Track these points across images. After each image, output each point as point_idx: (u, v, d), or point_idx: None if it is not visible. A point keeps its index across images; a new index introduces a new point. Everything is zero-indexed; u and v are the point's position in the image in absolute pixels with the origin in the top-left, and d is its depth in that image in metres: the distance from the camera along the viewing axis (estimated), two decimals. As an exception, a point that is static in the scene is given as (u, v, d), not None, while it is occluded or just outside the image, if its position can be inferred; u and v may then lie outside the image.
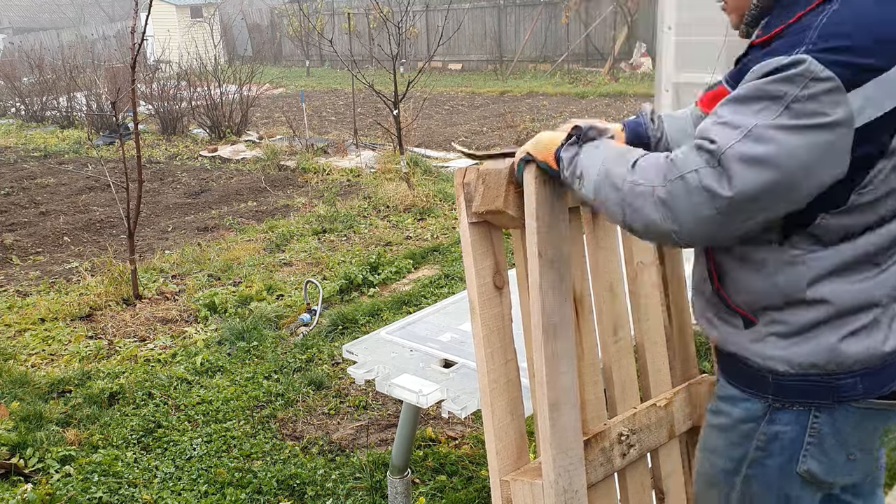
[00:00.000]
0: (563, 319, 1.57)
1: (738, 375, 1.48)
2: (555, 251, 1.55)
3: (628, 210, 1.30)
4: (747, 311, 1.44)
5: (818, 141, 1.19)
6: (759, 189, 1.19)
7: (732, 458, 1.50)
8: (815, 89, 1.18)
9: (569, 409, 1.58)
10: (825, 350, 1.36)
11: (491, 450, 1.64)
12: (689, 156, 1.24)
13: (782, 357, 1.40)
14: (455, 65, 22.62)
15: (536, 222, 1.52)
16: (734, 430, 1.49)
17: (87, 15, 38.61)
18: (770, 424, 1.44)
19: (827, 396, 1.39)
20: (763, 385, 1.43)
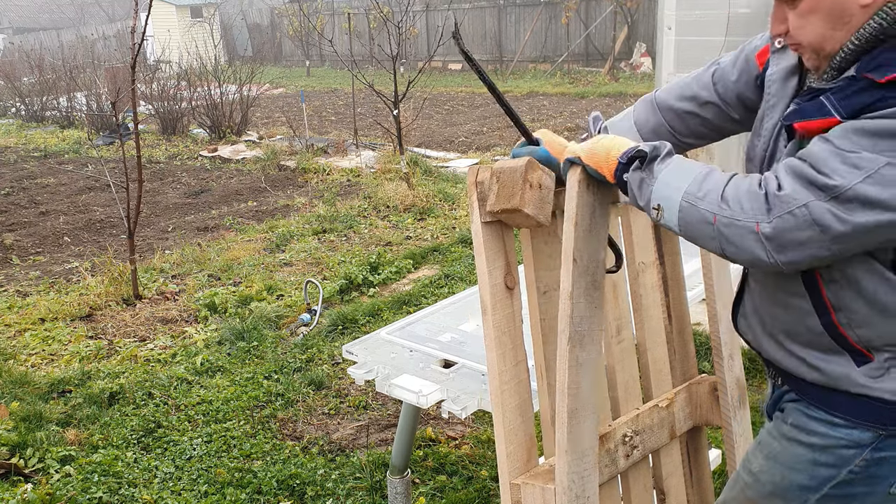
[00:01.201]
0: (592, 328, 1.55)
1: (847, 407, 1.43)
2: (590, 258, 1.52)
3: (727, 245, 1.27)
4: (866, 347, 1.39)
5: None
6: (873, 226, 1.19)
7: (816, 476, 1.46)
8: None
9: (588, 416, 1.56)
10: None
11: (501, 452, 1.62)
12: (796, 189, 1.21)
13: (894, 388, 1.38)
14: (455, 65, 22.61)
15: (575, 227, 1.48)
16: (829, 453, 1.44)
17: (87, 15, 38.60)
18: (875, 451, 1.40)
19: None
20: (879, 415, 1.39)
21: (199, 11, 26.88)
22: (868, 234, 1.20)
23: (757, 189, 1.24)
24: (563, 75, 18.73)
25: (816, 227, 1.20)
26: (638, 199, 1.40)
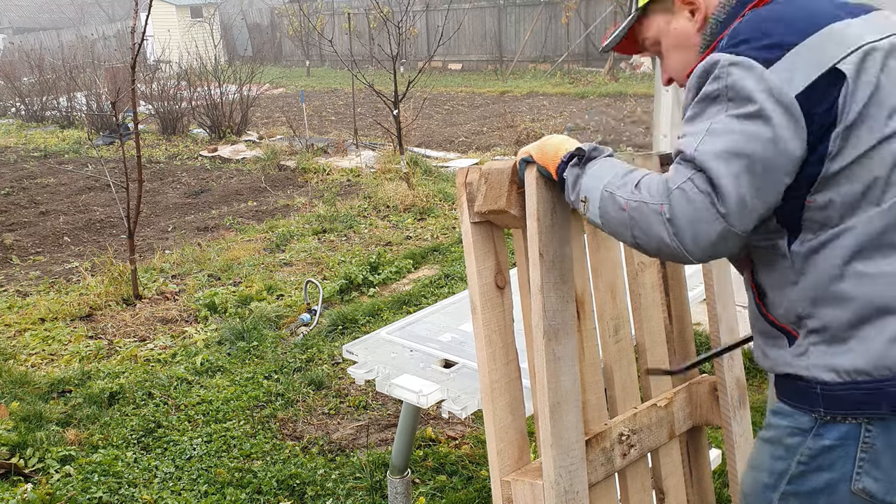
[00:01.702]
0: (566, 321, 1.57)
1: (787, 390, 1.44)
2: (556, 252, 1.55)
3: (637, 231, 1.30)
4: (788, 325, 1.41)
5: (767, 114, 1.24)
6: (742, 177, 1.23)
7: (773, 472, 1.45)
8: (737, 74, 1.27)
9: (570, 410, 1.57)
10: (873, 354, 1.31)
11: (492, 450, 1.64)
12: (678, 170, 1.28)
13: (827, 365, 1.35)
14: (455, 65, 22.62)
15: (538, 223, 1.52)
16: (779, 444, 1.44)
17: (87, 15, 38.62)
18: (817, 439, 1.38)
19: (879, 406, 1.31)
20: (811, 398, 1.38)
21: (199, 11, 26.89)
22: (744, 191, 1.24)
23: (662, 179, 1.30)
24: (563, 75, 18.73)
25: (703, 196, 1.24)
26: (570, 194, 1.44)
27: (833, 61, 1.28)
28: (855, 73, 1.28)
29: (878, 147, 1.29)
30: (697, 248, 1.26)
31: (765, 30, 1.32)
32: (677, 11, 1.55)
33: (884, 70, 1.31)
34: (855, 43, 1.31)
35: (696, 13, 1.52)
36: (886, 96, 1.30)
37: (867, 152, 1.29)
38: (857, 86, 1.28)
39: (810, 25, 1.32)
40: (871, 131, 1.29)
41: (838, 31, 1.32)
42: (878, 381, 1.31)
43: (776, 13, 1.37)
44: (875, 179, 1.30)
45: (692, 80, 1.35)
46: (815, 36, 1.30)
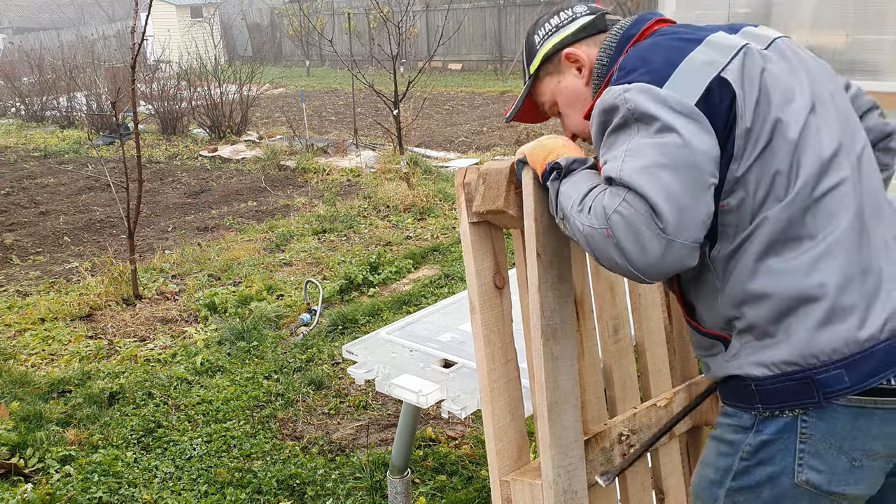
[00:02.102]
0: (564, 321, 1.57)
1: (728, 392, 1.47)
2: (554, 252, 1.55)
3: (596, 253, 1.34)
4: (719, 331, 1.45)
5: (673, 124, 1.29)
6: (669, 187, 1.25)
7: (719, 468, 1.48)
8: (635, 98, 1.32)
9: (569, 410, 1.57)
10: (798, 344, 1.33)
11: (491, 449, 1.64)
12: (612, 193, 1.31)
13: (757, 360, 1.38)
14: (455, 65, 22.62)
15: (535, 223, 1.52)
16: (723, 441, 1.48)
17: (87, 15, 38.63)
18: (757, 435, 1.41)
19: (812, 394, 1.34)
20: (748, 395, 1.41)
21: (199, 11, 26.89)
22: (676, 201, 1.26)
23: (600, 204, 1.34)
24: (563, 75, 18.71)
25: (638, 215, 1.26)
26: (553, 209, 1.48)
27: (718, 69, 1.35)
28: (739, 78, 1.35)
29: (773, 140, 1.34)
30: (647, 266, 1.28)
31: (649, 57, 1.39)
32: (565, 70, 1.63)
33: (765, 68, 1.38)
34: (733, 48, 1.38)
35: (583, 69, 1.60)
36: (772, 91, 1.36)
37: (765, 147, 1.34)
38: (745, 89, 1.35)
39: (688, 47, 1.39)
40: (764, 126, 1.34)
41: (716, 41, 1.40)
42: (806, 369, 1.34)
43: (656, 44, 1.44)
44: (777, 173, 1.34)
45: (594, 119, 1.40)
46: (696, 50, 1.38)
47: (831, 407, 1.34)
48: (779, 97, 1.36)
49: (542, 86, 1.68)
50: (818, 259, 1.33)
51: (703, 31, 1.45)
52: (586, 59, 1.59)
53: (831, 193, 1.35)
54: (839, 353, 1.32)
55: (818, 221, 1.34)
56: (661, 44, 1.43)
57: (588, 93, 1.61)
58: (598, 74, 1.57)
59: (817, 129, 1.37)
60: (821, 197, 1.34)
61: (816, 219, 1.34)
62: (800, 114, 1.36)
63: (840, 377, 1.32)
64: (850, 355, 1.32)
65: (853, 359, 1.32)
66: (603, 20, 1.62)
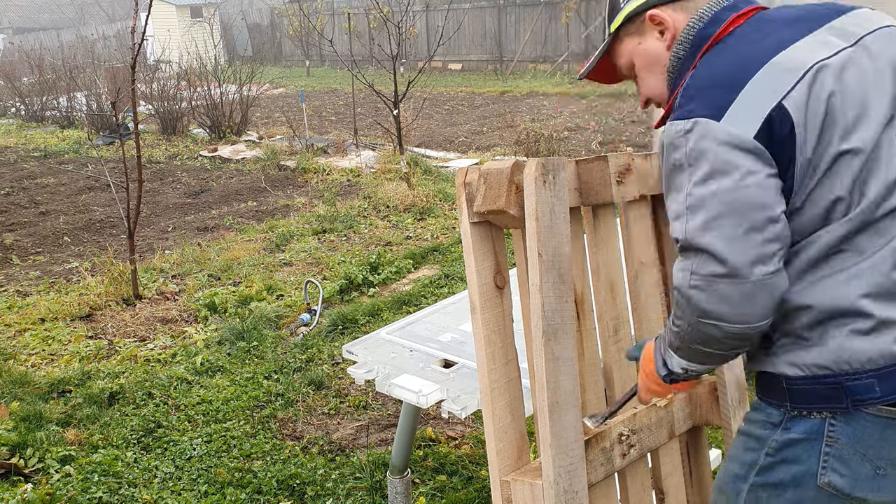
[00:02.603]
0: (564, 321, 1.57)
1: (761, 386, 1.49)
2: (555, 252, 1.55)
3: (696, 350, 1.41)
4: None
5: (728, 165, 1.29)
6: (730, 233, 1.28)
7: (744, 462, 1.49)
8: (693, 138, 1.31)
9: (569, 410, 1.57)
10: (832, 350, 1.35)
11: (491, 449, 1.64)
12: (681, 268, 1.35)
13: (791, 360, 1.40)
14: (455, 65, 22.61)
15: (536, 223, 1.52)
16: (751, 436, 1.49)
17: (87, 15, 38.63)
18: (784, 432, 1.42)
19: (841, 400, 1.35)
20: (779, 392, 1.42)
21: (199, 11, 26.89)
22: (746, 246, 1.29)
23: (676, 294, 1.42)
24: (562, 75, 18.72)
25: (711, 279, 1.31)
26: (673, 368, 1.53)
27: (779, 97, 1.30)
28: (801, 106, 1.30)
29: (834, 167, 1.32)
30: (744, 316, 1.31)
31: (712, 81, 1.36)
32: (647, 32, 1.58)
33: (834, 90, 1.32)
34: (800, 70, 1.32)
35: (666, 32, 1.55)
36: (839, 116, 1.32)
37: (825, 174, 1.32)
38: (807, 117, 1.31)
39: (753, 64, 1.34)
40: (825, 155, 1.32)
41: (779, 64, 1.33)
42: (837, 375, 1.35)
43: (722, 60, 1.40)
44: (837, 198, 1.33)
45: (662, 150, 1.40)
46: (758, 75, 1.32)
47: (860, 414, 1.35)
48: (849, 117, 1.32)
49: (622, 46, 1.64)
50: (862, 273, 1.33)
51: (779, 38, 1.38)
52: (671, 22, 1.53)
53: (889, 217, 1.34)
54: (874, 363, 1.33)
55: (871, 238, 1.34)
56: (727, 62, 1.39)
57: (667, 58, 1.55)
58: (673, 66, 1.54)
59: (891, 144, 1.34)
60: (881, 217, 1.34)
61: (870, 236, 1.34)
62: (871, 130, 1.33)
63: (871, 386, 1.33)
64: (884, 366, 1.33)
65: (887, 370, 1.33)
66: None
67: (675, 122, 1.36)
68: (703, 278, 1.30)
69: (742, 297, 1.29)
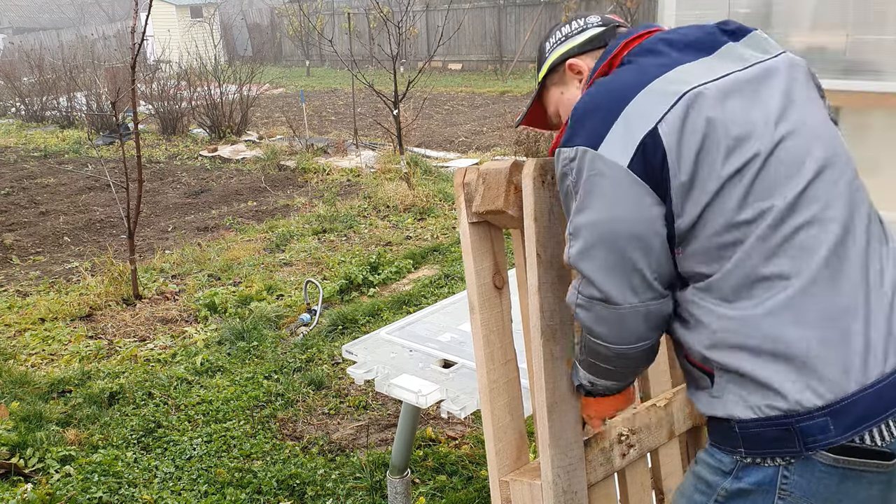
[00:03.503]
0: (564, 321, 1.57)
1: (713, 432, 1.42)
2: (554, 252, 1.55)
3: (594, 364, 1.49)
4: (704, 364, 1.39)
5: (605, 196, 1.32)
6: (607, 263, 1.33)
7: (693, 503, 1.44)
8: (575, 166, 1.35)
9: (569, 410, 1.57)
10: (779, 389, 1.26)
11: (490, 450, 1.64)
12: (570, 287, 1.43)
13: (742, 401, 1.31)
14: (455, 65, 22.62)
15: (535, 224, 1.52)
16: (701, 479, 1.42)
17: (87, 15, 38.64)
18: (735, 481, 1.34)
19: (792, 443, 1.26)
20: (732, 438, 1.34)
21: (199, 11, 26.89)
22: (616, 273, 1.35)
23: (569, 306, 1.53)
24: (563, 75, 18.71)
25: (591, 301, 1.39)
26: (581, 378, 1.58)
27: (653, 122, 1.30)
28: (675, 130, 1.29)
29: (724, 189, 1.28)
30: (627, 338, 1.38)
31: (591, 107, 1.38)
32: (568, 81, 1.62)
33: (713, 115, 1.29)
34: (676, 93, 1.31)
35: (583, 81, 1.58)
36: (719, 140, 1.29)
37: (710, 202, 1.29)
38: (682, 141, 1.29)
39: (632, 90, 1.34)
40: (711, 175, 1.28)
41: (656, 90, 1.33)
42: (788, 415, 1.26)
43: (603, 87, 1.41)
44: (732, 219, 1.28)
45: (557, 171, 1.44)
46: (635, 100, 1.33)
47: (815, 465, 1.26)
48: (731, 139, 1.29)
49: (549, 95, 1.68)
50: (793, 299, 1.26)
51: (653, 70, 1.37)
52: (587, 69, 1.57)
53: (804, 230, 1.28)
54: (823, 399, 1.24)
55: (791, 260, 1.27)
56: (611, 85, 1.40)
57: None
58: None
59: (783, 163, 1.29)
60: (791, 235, 1.27)
61: (788, 258, 1.27)
62: (760, 152, 1.29)
63: (825, 426, 1.24)
64: (833, 402, 1.24)
65: (838, 406, 1.24)
66: (613, 32, 1.57)
67: (561, 150, 1.39)
68: (586, 299, 1.37)
69: (617, 320, 1.35)
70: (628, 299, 1.33)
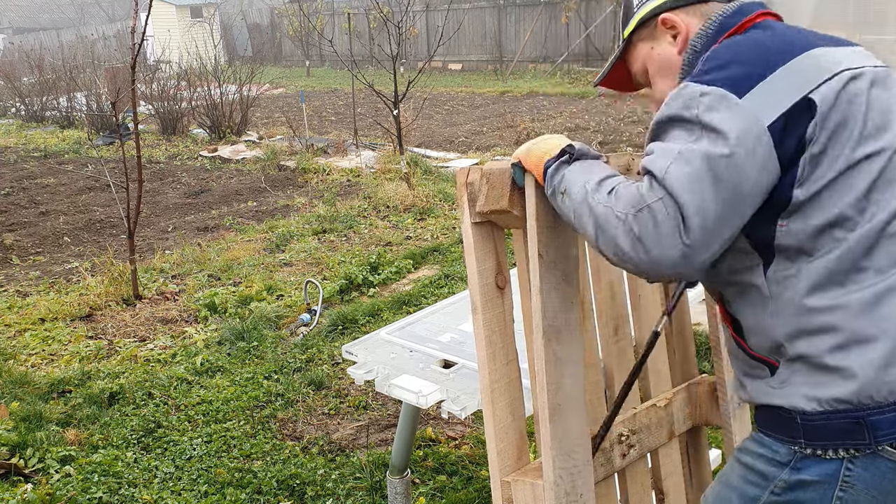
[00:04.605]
0: (569, 322, 1.56)
1: (767, 421, 1.40)
2: (557, 253, 1.54)
3: (601, 235, 1.28)
4: (767, 355, 1.37)
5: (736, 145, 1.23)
6: (708, 208, 1.21)
7: (745, 496, 1.41)
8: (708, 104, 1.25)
9: (573, 412, 1.56)
10: (854, 382, 1.26)
11: (492, 450, 1.64)
12: (650, 188, 1.26)
13: (807, 394, 1.30)
14: (455, 65, 22.62)
15: (537, 224, 1.51)
16: (754, 470, 1.40)
17: (87, 15, 38.64)
18: (794, 472, 1.33)
19: (862, 436, 1.26)
20: (791, 428, 1.33)
21: (199, 11, 26.89)
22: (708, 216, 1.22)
23: (635, 190, 1.28)
24: (562, 75, 18.73)
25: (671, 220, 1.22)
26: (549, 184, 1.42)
27: (807, 90, 1.27)
28: (827, 102, 1.27)
29: (853, 169, 1.28)
30: (654, 267, 1.23)
31: (740, 57, 1.31)
32: (659, 36, 1.55)
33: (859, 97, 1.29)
34: (833, 69, 1.29)
35: (678, 36, 1.52)
36: (862, 121, 1.28)
37: (834, 180, 1.27)
38: (829, 115, 1.27)
39: (787, 53, 1.30)
40: (838, 160, 1.27)
41: (815, 58, 1.30)
42: (858, 409, 1.27)
43: (753, 40, 1.36)
44: (851, 203, 1.28)
45: (664, 106, 1.33)
46: (791, 63, 1.29)
47: (880, 459, 1.27)
48: (871, 125, 1.29)
49: (636, 51, 1.61)
50: (883, 294, 1.27)
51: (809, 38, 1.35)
52: (683, 26, 1.51)
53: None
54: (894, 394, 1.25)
55: (890, 257, 1.28)
56: (760, 42, 1.35)
57: (679, 62, 1.52)
58: (689, 60, 1.49)
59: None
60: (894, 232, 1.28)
61: (889, 254, 1.28)
62: (892, 145, 1.30)
63: (894, 420, 1.26)
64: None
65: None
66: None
67: (689, 85, 1.30)
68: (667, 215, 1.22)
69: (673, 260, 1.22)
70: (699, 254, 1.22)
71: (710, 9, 1.50)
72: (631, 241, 1.23)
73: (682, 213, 1.21)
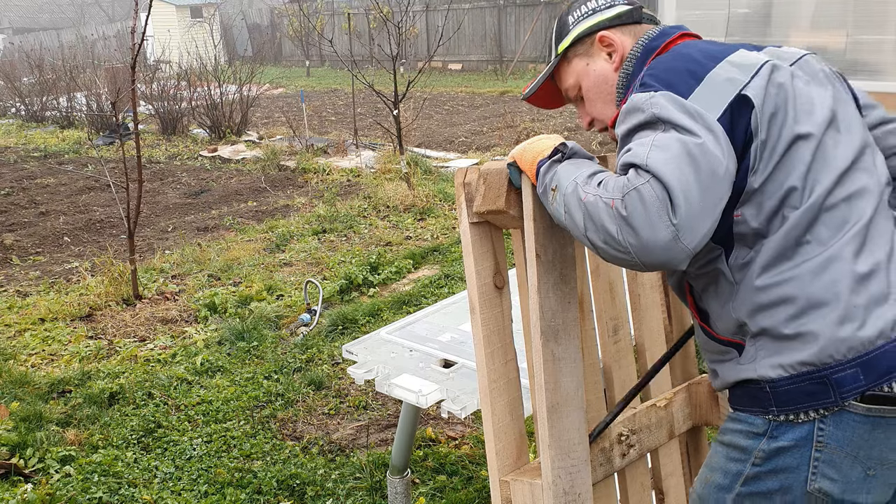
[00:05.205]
0: (567, 322, 1.56)
1: (739, 397, 1.47)
2: (555, 252, 1.55)
3: (589, 224, 1.30)
4: (732, 336, 1.46)
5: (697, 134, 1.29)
6: (691, 187, 1.25)
7: (728, 473, 1.47)
8: (661, 104, 1.33)
9: (572, 412, 1.57)
10: (813, 345, 1.34)
11: (490, 450, 1.64)
12: (636, 174, 1.29)
13: (773, 362, 1.38)
14: (455, 65, 22.62)
15: (534, 224, 1.52)
16: (734, 446, 1.47)
17: (87, 15, 38.65)
18: (771, 441, 1.40)
19: (828, 395, 1.34)
20: (763, 399, 1.40)
21: (199, 11, 26.89)
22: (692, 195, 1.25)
23: (622, 178, 1.31)
24: (563, 75, 18.70)
25: (657, 201, 1.24)
26: (541, 182, 1.45)
27: (739, 87, 1.36)
28: (760, 94, 1.36)
29: (789, 152, 1.37)
30: (645, 251, 1.25)
31: (672, 70, 1.40)
32: (595, 54, 1.63)
33: (785, 86, 1.40)
34: (756, 64, 1.40)
35: (614, 54, 1.60)
36: (792, 105, 1.39)
37: (780, 160, 1.36)
38: (764, 104, 1.36)
39: (713, 59, 1.41)
40: (780, 139, 1.37)
41: (738, 60, 1.41)
42: (821, 369, 1.34)
43: (681, 55, 1.45)
44: (792, 184, 1.36)
45: (620, 119, 1.40)
46: (718, 68, 1.39)
47: (848, 415, 1.34)
48: (799, 110, 1.39)
49: (569, 67, 1.67)
50: (829, 262, 1.35)
51: (726, 49, 1.46)
52: (620, 44, 1.59)
53: (845, 202, 1.38)
54: (854, 351, 1.33)
55: (829, 228, 1.37)
56: (687, 55, 1.44)
57: (615, 79, 1.60)
58: (622, 84, 1.58)
59: (835, 143, 1.40)
60: (835, 205, 1.37)
61: (828, 226, 1.37)
62: (819, 126, 1.39)
63: (856, 375, 1.33)
64: (864, 354, 1.33)
65: (867, 357, 1.33)
66: (639, 12, 1.64)
67: (634, 96, 1.37)
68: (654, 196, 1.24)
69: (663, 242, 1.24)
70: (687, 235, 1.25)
71: (641, 29, 1.61)
72: (619, 225, 1.26)
73: (668, 193, 1.24)
